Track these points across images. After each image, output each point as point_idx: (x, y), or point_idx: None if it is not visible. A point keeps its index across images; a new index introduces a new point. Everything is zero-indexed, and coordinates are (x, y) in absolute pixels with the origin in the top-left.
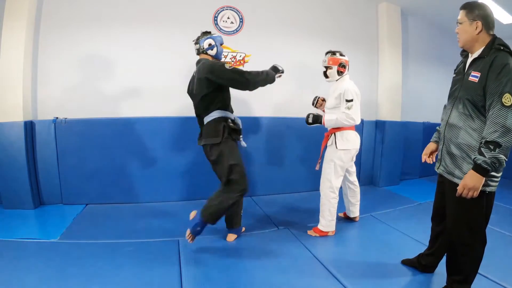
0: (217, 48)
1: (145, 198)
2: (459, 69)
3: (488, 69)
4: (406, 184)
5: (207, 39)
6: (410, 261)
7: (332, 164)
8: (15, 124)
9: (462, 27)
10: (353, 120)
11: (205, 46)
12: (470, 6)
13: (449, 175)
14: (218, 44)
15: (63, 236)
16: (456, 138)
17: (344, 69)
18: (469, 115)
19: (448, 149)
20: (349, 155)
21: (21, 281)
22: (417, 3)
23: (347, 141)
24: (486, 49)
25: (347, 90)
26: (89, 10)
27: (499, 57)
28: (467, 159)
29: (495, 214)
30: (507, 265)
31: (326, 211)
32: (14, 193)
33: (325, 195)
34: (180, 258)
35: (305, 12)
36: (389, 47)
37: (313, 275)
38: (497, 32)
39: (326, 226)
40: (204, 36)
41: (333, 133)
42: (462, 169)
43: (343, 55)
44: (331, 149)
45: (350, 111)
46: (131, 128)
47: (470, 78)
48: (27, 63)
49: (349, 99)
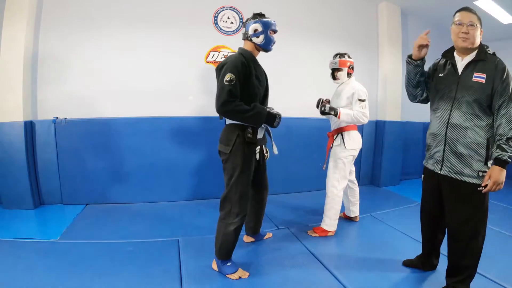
0: (264, 36)
1: (145, 198)
2: (449, 70)
3: (495, 72)
4: (406, 184)
5: (254, 23)
6: (411, 262)
7: (340, 164)
8: (15, 124)
9: (476, 31)
10: (367, 118)
11: (249, 31)
12: (475, 11)
13: (458, 174)
14: (266, 31)
15: (63, 236)
16: (464, 137)
17: (353, 71)
18: (475, 115)
19: (454, 149)
20: (355, 153)
21: (21, 281)
22: (417, 3)
23: (354, 141)
24: (481, 53)
25: (360, 91)
26: (89, 10)
27: (499, 61)
28: (476, 157)
29: (495, 214)
30: (506, 264)
31: (332, 210)
32: (14, 193)
33: (332, 194)
34: (180, 258)
35: (305, 12)
36: (389, 47)
37: (313, 275)
38: (497, 32)
39: (330, 226)
40: (253, 20)
41: (339, 133)
42: (472, 167)
43: (350, 57)
44: (339, 149)
45: (365, 109)
46: (131, 128)
47: (475, 79)
48: (27, 63)
49: (362, 98)
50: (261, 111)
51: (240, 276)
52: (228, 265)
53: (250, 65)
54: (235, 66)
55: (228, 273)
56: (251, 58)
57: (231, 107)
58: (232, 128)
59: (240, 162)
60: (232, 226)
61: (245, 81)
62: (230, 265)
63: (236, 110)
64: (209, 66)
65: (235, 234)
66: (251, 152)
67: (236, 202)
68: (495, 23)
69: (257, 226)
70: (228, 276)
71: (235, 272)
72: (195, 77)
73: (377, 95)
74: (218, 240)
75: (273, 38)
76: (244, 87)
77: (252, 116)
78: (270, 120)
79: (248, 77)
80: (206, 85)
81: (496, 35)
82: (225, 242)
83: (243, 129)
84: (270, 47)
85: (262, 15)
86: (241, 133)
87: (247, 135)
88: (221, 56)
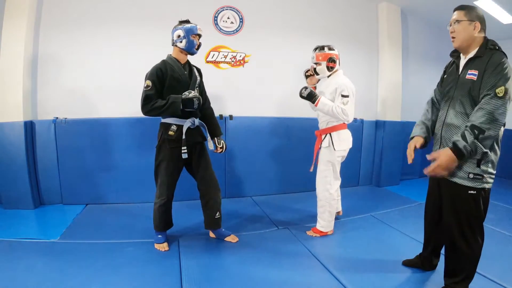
0: (186, 40)
1: (145, 198)
2: (452, 69)
3: (485, 66)
4: (406, 184)
5: (177, 29)
6: (410, 262)
7: (330, 166)
8: (15, 124)
9: (460, 26)
10: (347, 116)
11: (174, 37)
12: (468, 7)
13: (449, 175)
14: (188, 35)
15: (63, 236)
16: None
17: (334, 64)
18: (466, 114)
19: None
20: (345, 154)
21: (21, 281)
22: (417, 3)
23: (343, 141)
24: (481, 49)
25: (343, 85)
26: (90, 9)
27: (496, 55)
28: (468, 158)
29: (494, 214)
30: (506, 264)
31: (326, 212)
32: (14, 193)
33: (325, 198)
34: (180, 258)
35: (305, 12)
36: (389, 47)
37: (313, 274)
38: (497, 32)
39: (326, 227)
40: (177, 26)
41: (327, 134)
42: (463, 168)
43: (332, 49)
44: (328, 151)
45: (345, 106)
46: (131, 128)
47: (468, 76)
48: (27, 63)
49: (345, 94)
50: (175, 100)
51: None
52: (159, 236)
53: (167, 69)
54: (151, 74)
55: (156, 243)
56: (173, 62)
57: (148, 107)
58: (160, 126)
59: (161, 156)
60: (156, 205)
61: (163, 84)
62: (160, 237)
63: (153, 108)
64: (209, 66)
65: (158, 211)
66: (174, 148)
67: (158, 187)
68: (495, 23)
69: (207, 221)
70: (155, 246)
71: (160, 243)
72: None
73: (377, 95)
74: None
75: (195, 41)
76: (165, 88)
77: (168, 107)
78: (189, 104)
79: (165, 80)
80: (206, 85)
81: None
82: (155, 216)
83: (167, 127)
84: (194, 50)
85: (186, 22)
86: (164, 131)
87: (168, 133)
88: (221, 56)
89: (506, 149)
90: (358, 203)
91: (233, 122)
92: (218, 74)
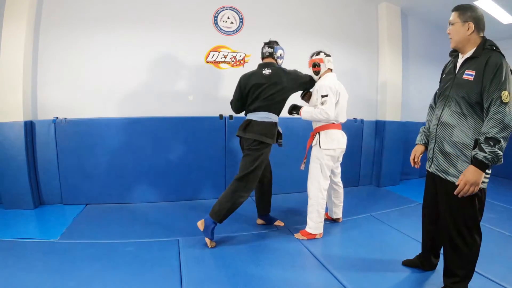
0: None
1: (145, 198)
2: (450, 69)
3: (484, 68)
4: (406, 184)
5: (280, 48)
6: (410, 262)
7: (318, 164)
8: (15, 124)
9: (454, 28)
10: (327, 114)
11: (277, 54)
12: (463, 8)
13: (443, 173)
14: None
15: (63, 236)
16: (450, 136)
17: (317, 68)
18: (462, 113)
19: (441, 147)
20: (334, 154)
21: (21, 281)
22: (417, 3)
23: (332, 141)
24: (478, 50)
25: (321, 86)
26: (89, 9)
27: (493, 56)
28: (462, 157)
29: (494, 214)
30: (506, 264)
31: (315, 212)
32: (14, 193)
33: (314, 196)
34: (180, 258)
35: (305, 13)
36: (389, 47)
37: (313, 274)
38: (497, 32)
39: (315, 228)
40: (278, 46)
41: (317, 132)
42: (457, 167)
43: (319, 54)
44: (315, 149)
45: (324, 106)
46: (131, 128)
47: (465, 76)
48: (27, 63)
49: (323, 94)
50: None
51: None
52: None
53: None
54: (239, 80)
55: (208, 238)
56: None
57: (232, 106)
58: (273, 125)
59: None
60: (242, 198)
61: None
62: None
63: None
64: (209, 66)
65: (238, 204)
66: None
67: (252, 182)
68: (495, 23)
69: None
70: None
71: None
72: (195, 77)
73: (377, 95)
74: (224, 205)
75: None
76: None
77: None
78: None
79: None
80: (206, 85)
81: (496, 35)
82: (228, 208)
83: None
84: None
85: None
86: (279, 130)
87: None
88: (221, 56)
89: (505, 149)
90: (358, 203)
91: (233, 122)
92: (218, 74)
